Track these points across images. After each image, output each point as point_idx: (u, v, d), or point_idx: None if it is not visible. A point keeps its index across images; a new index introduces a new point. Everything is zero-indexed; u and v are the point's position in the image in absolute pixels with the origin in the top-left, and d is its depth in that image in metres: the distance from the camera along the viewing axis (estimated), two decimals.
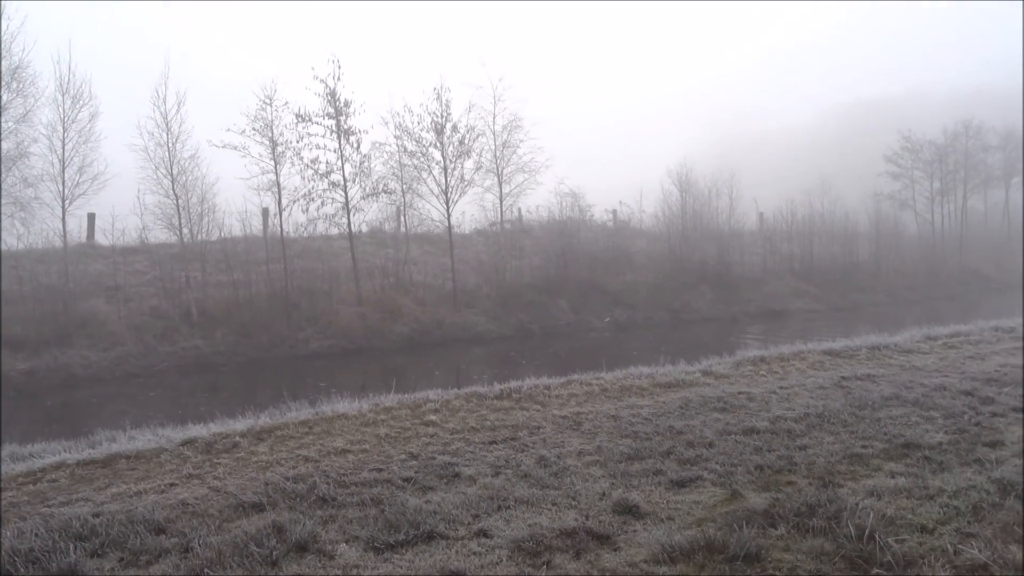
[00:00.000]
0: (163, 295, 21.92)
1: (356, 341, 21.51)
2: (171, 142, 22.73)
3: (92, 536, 5.26)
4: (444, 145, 25.49)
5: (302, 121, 22.93)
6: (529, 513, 5.56)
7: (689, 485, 6.11)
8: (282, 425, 8.36)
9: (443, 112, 25.29)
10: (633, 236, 33.39)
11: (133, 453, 7.47)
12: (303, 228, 24.21)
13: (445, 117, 25.35)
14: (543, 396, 9.74)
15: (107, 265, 23.16)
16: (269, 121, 22.66)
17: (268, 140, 22.74)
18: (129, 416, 13.01)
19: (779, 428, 7.79)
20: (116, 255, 23.24)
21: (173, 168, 22.70)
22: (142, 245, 24.48)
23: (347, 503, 5.87)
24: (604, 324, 25.63)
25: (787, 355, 12.71)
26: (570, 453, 7.08)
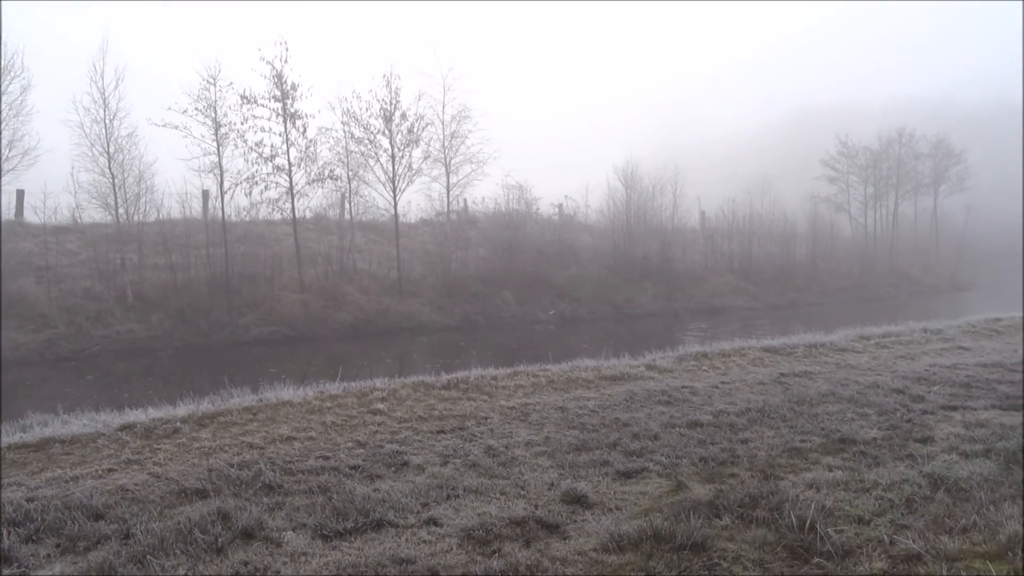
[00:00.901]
0: (97, 276, 21.27)
1: (298, 328, 21.23)
2: (108, 119, 22.08)
3: (26, 521, 5.09)
4: (392, 133, 25.32)
5: (247, 103, 22.54)
6: (478, 502, 5.57)
7: (636, 476, 6.19)
8: (225, 411, 8.20)
9: (392, 99, 25.14)
10: (578, 231, 33.64)
11: (68, 437, 7.24)
12: (245, 212, 23.75)
13: (394, 105, 25.20)
14: (490, 387, 9.76)
15: (37, 244, 22.36)
16: (212, 101, 22.20)
17: (211, 121, 22.26)
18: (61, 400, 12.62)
19: (722, 422, 7.94)
20: (47, 234, 22.43)
21: (110, 146, 22.05)
22: (74, 224, 23.66)
23: (294, 490, 5.80)
24: (549, 317, 25.79)
25: (728, 351, 12.95)
26: (518, 443, 7.10)
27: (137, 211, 22.82)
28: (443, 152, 28.15)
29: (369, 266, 25.66)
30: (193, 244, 22.76)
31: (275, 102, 22.86)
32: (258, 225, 24.78)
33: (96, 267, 21.45)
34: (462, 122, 28.11)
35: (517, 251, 28.28)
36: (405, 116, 25.52)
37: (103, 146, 21.95)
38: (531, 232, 29.88)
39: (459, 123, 28.09)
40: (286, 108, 22.95)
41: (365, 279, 24.88)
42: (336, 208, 28.26)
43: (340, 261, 24.89)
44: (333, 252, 25.17)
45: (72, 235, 23.53)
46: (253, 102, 22.57)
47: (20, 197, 24.63)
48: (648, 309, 28.73)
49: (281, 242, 25.01)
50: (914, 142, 45.51)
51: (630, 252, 31.72)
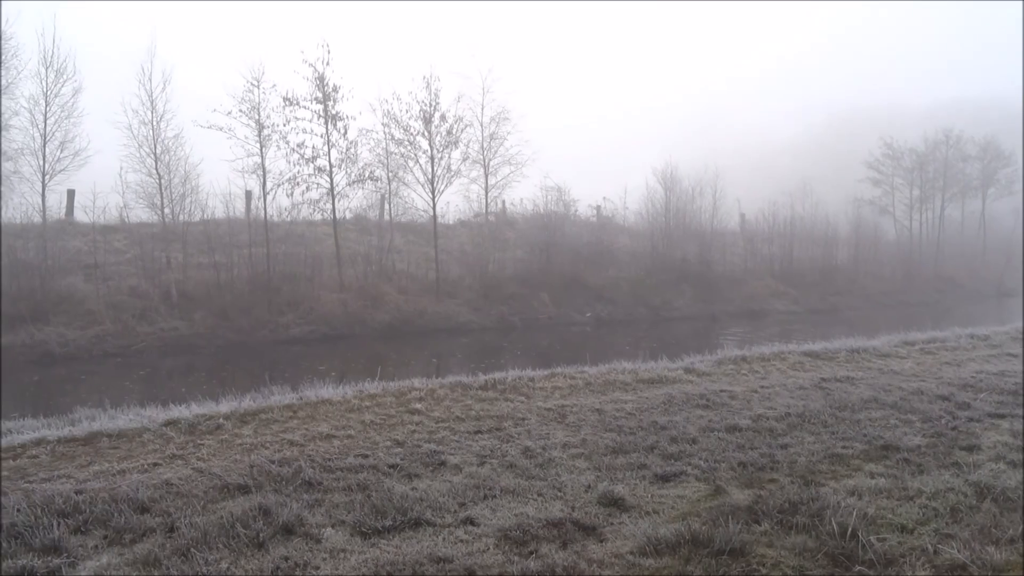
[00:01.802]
0: (143, 275, 21.71)
1: (337, 327, 21.45)
2: (156, 121, 22.58)
3: (75, 513, 5.22)
4: (432, 134, 25.46)
5: (290, 105, 22.85)
6: (515, 503, 5.59)
7: (673, 480, 6.16)
8: (266, 408, 8.33)
9: (432, 101, 25.29)
10: (616, 232, 33.52)
11: (115, 432, 7.41)
12: (287, 212, 24.07)
13: (434, 106, 25.36)
14: (527, 388, 9.78)
15: (86, 243, 22.89)
16: (256, 103, 22.56)
17: (254, 123, 22.62)
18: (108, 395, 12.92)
19: (761, 427, 7.87)
20: (95, 233, 22.95)
21: (157, 147, 22.55)
22: (122, 224, 24.21)
23: (333, 488, 5.87)
24: (585, 319, 25.73)
25: (768, 355, 12.82)
26: (555, 445, 7.11)
27: (182, 211, 23.29)
28: (482, 154, 28.31)
29: (407, 267, 25.84)
30: (236, 244, 23.11)
31: (317, 104, 23.17)
32: (299, 225, 25.10)
33: (142, 265, 21.89)
34: (501, 124, 28.28)
35: (554, 253, 28.25)
36: (444, 118, 25.72)
37: (150, 147, 22.45)
38: (569, 234, 29.84)
39: (498, 125, 28.26)
40: (327, 110, 23.22)
41: (403, 279, 25.07)
42: (376, 209, 28.51)
43: (379, 261, 25.10)
44: (372, 252, 25.38)
45: (119, 234, 24.06)
46: (295, 104, 22.92)
47: (71, 197, 25.24)
48: (686, 312, 28.52)
49: (321, 242, 25.29)
50: (961, 144, 44.55)
51: (668, 254, 31.52)
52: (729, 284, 32.04)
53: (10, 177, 21.58)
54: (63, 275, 20.53)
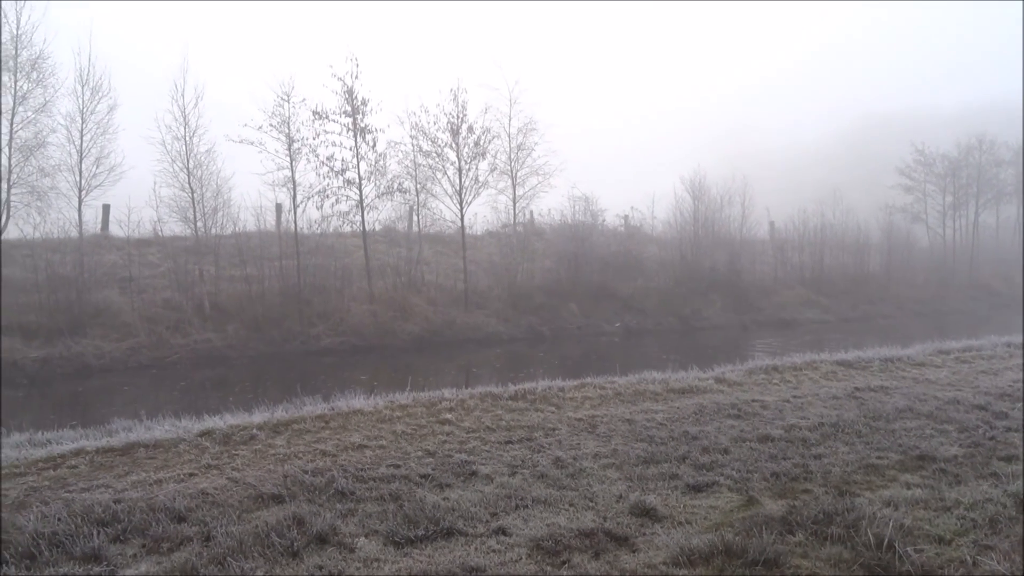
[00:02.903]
0: (176, 287, 22.02)
1: (367, 339, 21.58)
2: (188, 136, 22.89)
3: (114, 522, 5.32)
4: (459, 146, 25.59)
5: (319, 118, 23.06)
6: (547, 513, 5.60)
7: (705, 490, 6.13)
8: (299, 419, 8.42)
9: (459, 113, 25.41)
10: (644, 242, 33.42)
11: (152, 442, 7.54)
12: (317, 225, 24.29)
13: (461, 118, 25.47)
14: (557, 398, 9.78)
15: (121, 256, 23.28)
16: (286, 117, 22.82)
17: (285, 136, 22.89)
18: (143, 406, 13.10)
19: (794, 437, 7.80)
20: (130, 246, 23.34)
21: (189, 162, 22.85)
22: (155, 237, 24.60)
23: (366, 497, 5.92)
24: (614, 329, 25.66)
25: (799, 364, 12.72)
26: (586, 455, 7.11)
27: (214, 224, 23.56)
28: (509, 164, 28.38)
29: (436, 277, 25.96)
30: (267, 256, 23.37)
31: (346, 117, 23.39)
32: (328, 237, 25.29)
33: (175, 278, 22.20)
34: (528, 134, 28.32)
35: (583, 262, 28.21)
36: (472, 129, 25.82)
37: (183, 162, 22.76)
38: (597, 243, 29.78)
39: (525, 135, 28.31)
40: (356, 123, 23.43)
41: (432, 290, 25.17)
42: (404, 220, 28.68)
43: (408, 273, 25.23)
44: (401, 264, 25.53)
45: (153, 247, 24.46)
46: (325, 117, 23.13)
47: (106, 212, 25.69)
48: (715, 322, 28.32)
49: (351, 254, 25.47)
50: (995, 149, 43.79)
51: (697, 263, 31.33)
52: (759, 293, 31.77)
53: (48, 193, 22.02)
54: (99, 288, 20.87)
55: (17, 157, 21.34)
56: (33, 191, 21.68)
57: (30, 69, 21.46)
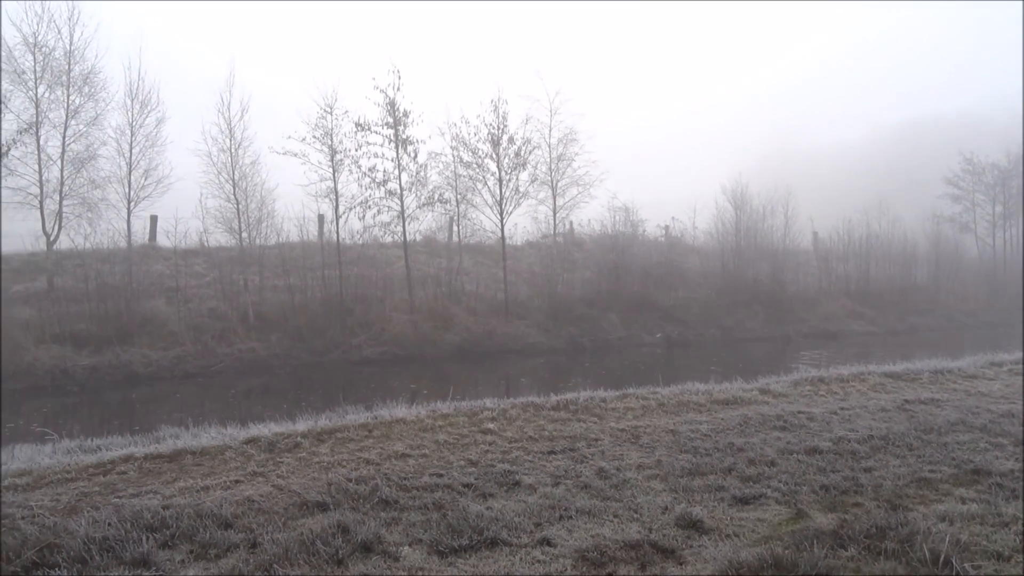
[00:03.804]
0: (221, 297, 22.35)
1: (408, 348, 21.68)
2: (234, 148, 23.36)
3: (163, 528, 5.38)
4: (500, 156, 25.64)
5: (361, 130, 23.30)
6: (591, 524, 5.55)
7: (753, 502, 6.03)
8: (342, 427, 8.47)
9: (500, 124, 25.47)
10: (686, 252, 33.12)
11: (198, 449, 7.63)
12: (359, 235, 24.50)
13: (502, 129, 25.52)
14: (600, 408, 9.71)
15: (168, 266, 23.73)
16: (329, 129, 23.10)
17: (327, 148, 23.15)
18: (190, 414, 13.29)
19: (843, 449, 7.64)
20: (176, 257, 23.79)
21: (235, 173, 23.28)
22: (201, 247, 25.02)
23: (409, 506, 5.92)
24: (656, 340, 25.45)
25: (846, 376, 12.48)
26: (630, 466, 7.03)
27: (258, 235, 23.91)
28: (550, 175, 28.38)
29: (476, 288, 26.01)
30: (310, 266, 23.63)
31: (388, 128, 23.59)
32: (369, 248, 25.50)
33: (221, 288, 22.55)
34: (568, 145, 28.31)
35: (623, 273, 28.04)
36: (512, 140, 25.86)
37: (228, 174, 23.20)
38: (637, 254, 29.58)
39: (565, 146, 28.31)
40: (398, 134, 23.62)
41: (472, 301, 25.22)
42: (444, 231, 28.81)
43: (448, 283, 25.32)
44: (442, 274, 25.63)
45: (199, 258, 24.87)
46: (367, 129, 23.36)
47: (153, 223, 26.20)
48: (758, 333, 27.94)
49: (391, 264, 25.65)
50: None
51: (739, 274, 30.97)
52: (803, 305, 31.29)
53: (98, 204, 22.60)
54: (147, 298, 21.27)
55: (69, 169, 21.99)
56: (84, 202, 22.29)
57: (82, 83, 22.11)
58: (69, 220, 22.10)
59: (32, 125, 20.99)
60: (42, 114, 21.37)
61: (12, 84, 20.66)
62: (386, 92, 23.41)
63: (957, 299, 36.52)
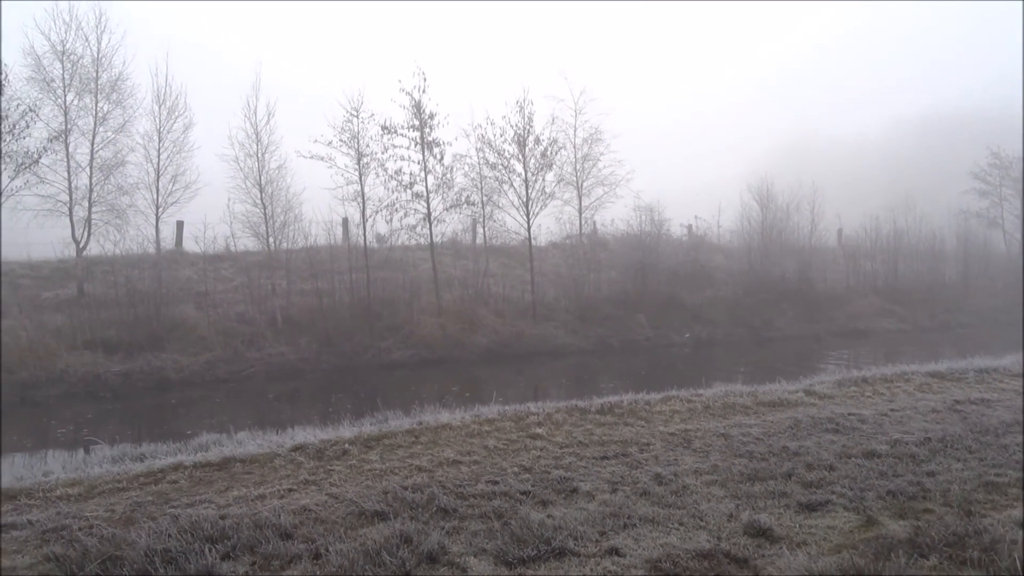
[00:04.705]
0: (249, 302, 22.34)
1: (436, 351, 21.59)
2: (260, 152, 23.35)
3: (223, 539, 5.32)
4: (526, 157, 25.49)
5: (388, 133, 23.20)
6: (657, 532, 5.43)
7: (819, 509, 5.89)
8: (389, 434, 8.39)
9: (525, 125, 25.30)
10: (711, 251, 32.86)
11: (247, 457, 7.58)
12: (386, 238, 24.44)
13: (528, 130, 25.36)
14: (645, 412, 9.58)
15: (195, 271, 23.79)
16: (355, 132, 23.02)
17: (354, 151, 23.08)
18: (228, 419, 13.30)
19: (901, 452, 7.48)
20: (203, 262, 23.84)
21: (261, 178, 23.27)
22: (227, 252, 25.05)
23: (469, 515, 5.82)
24: (684, 340, 25.22)
25: (890, 376, 12.28)
26: (686, 471, 6.90)
27: (285, 239, 23.91)
28: (575, 175, 28.20)
29: (503, 290, 25.87)
30: (337, 270, 23.60)
31: (414, 131, 23.48)
32: (395, 251, 25.46)
33: (249, 292, 22.55)
34: (593, 144, 28.12)
35: (650, 273, 27.80)
36: (539, 140, 25.70)
37: (255, 179, 23.20)
38: (663, 253, 29.35)
39: (590, 146, 28.12)
40: (424, 137, 23.53)
41: (499, 303, 25.09)
42: (468, 233, 28.71)
43: (475, 285, 25.20)
44: (468, 276, 25.52)
45: (226, 262, 24.92)
46: (393, 132, 23.26)
47: (180, 228, 26.32)
48: (787, 332, 27.62)
49: (417, 267, 25.57)
50: None
51: (766, 273, 30.63)
52: (831, 302, 30.92)
53: (126, 210, 22.70)
54: (176, 303, 21.31)
55: (98, 176, 22.08)
56: (112, 209, 22.38)
57: (110, 90, 22.21)
58: (98, 227, 22.22)
59: (61, 133, 21.11)
60: (71, 121, 21.49)
61: (41, 92, 20.77)
62: (412, 94, 23.35)
63: (986, 295, 35.95)
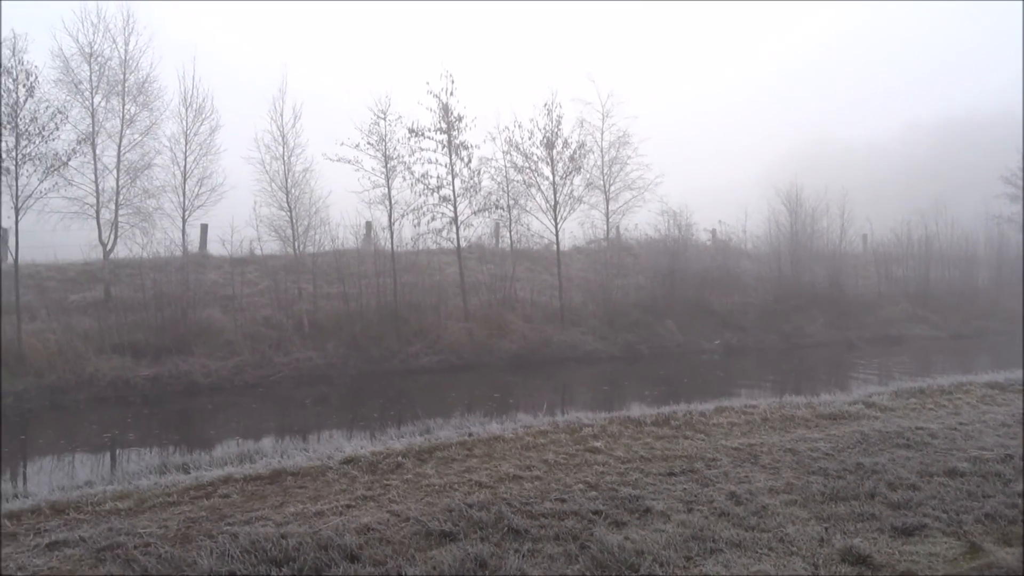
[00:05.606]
0: (275, 306, 22.09)
1: (465, 357, 21.27)
2: (287, 155, 23.11)
3: (288, 560, 5.02)
4: (554, 161, 25.12)
5: (415, 136, 22.92)
6: (746, 558, 5.08)
7: (916, 534, 5.51)
8: (441, 446, 8.06)
9: (554, 128, 24.94)
10: (738, 256, 32.38)
11: (297, 470, 7.27)
12: (412, 242, 24.15)
13: (556, 133, 25.00)
14: (702, 424, 9.21)
15: (221, 275, 23.58)
16: (382, 135, 22.74)
17: (381, 154, 22.80)
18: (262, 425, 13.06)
19: (985, 471, 7.08)
20: (228, 265, 23.62)
21: (287, 181, 23.04)
22: (251, 256, 24.78)
23: (541, 536, 5.49)
24: (714, 347, 24.79)
25: (947, 387, 11.87)
26: (761, 490, 6.54)
27: (311, 242, 23.66)
28: (602, 179, 27.81)
29: (530, 295, 25.50)
30: (363, 274, 23.31)
31: (441, 134, 23.18)
32: (421, 255, 25.14)
33: (275, 296, 22.31)
34: (621, 148, 27.69)
35: (678, 278, 27.37)
36: (567, 143, 25.31)
37: (281, 182, 22.98)
38: (691, 258, 28.92)
39: (618, 149, 27.68)
40: (451, 140, 23.23)
41: (527, 308, 24.72)
42: (492, 237, 28.36)
43: (503, 290, 24.85)
44: (495, 281, 25.16)
45: (251, 266, 24.63)
46: (420, 135, 22.96)
47: (204, 231, 26.11)
48: (819, 339, 27.11)
49: (442, 271, 25.23)
50: None
51: (796, 278, 30.13)
52: (862, 308, 30.38)
53: (153, 213, 22.53)
54: (203, 307, 21.08)
55: (124, 179, 21.89)
56: (139, 211, 22.20)
57: (137, 93, 22.02)
58: (124, 229, 22.03)
59: (89, 135, 20.96)
60: (98, 124, 21.33)
61: (70, 94, 20.63)
62: (439, 97, 23.04)
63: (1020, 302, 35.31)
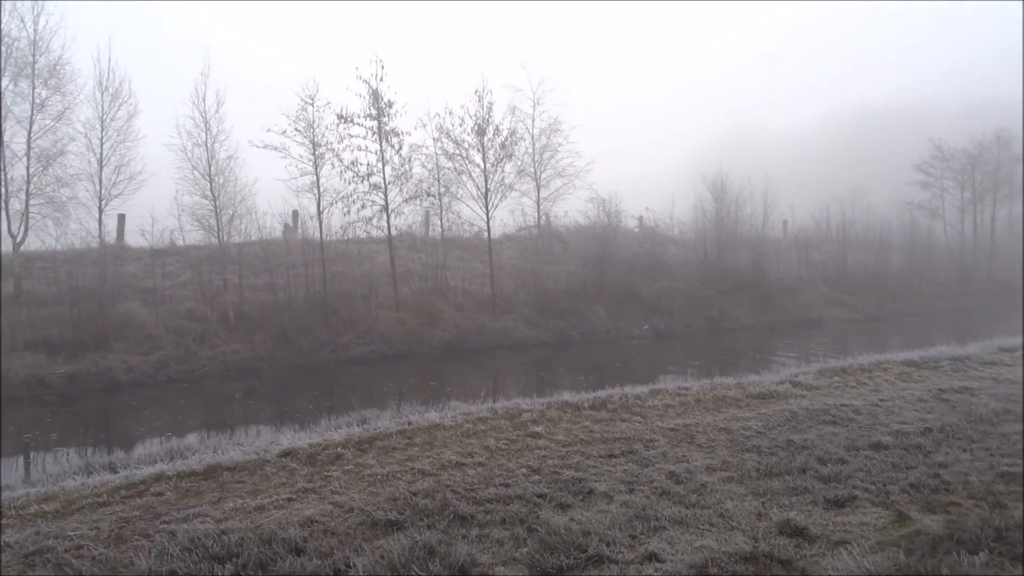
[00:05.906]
0: (199, 298, 21.51)
1: (396, 347, 21.11)
2: (210, 142, 22.41)
3: (231, 557, 4.89)
4: (485, 148, 25.08)
5: (344, 122, 22.56)
6: (689, 535, 5.19)
7: (847, 505, 5.72)
8: (381, 435, 7.98)
9: (485, 115, 24.88)
10: (665, 243, 32.98)
11: (233, 465, 7.10)
12: (341, 231, 23.79)
13: (487, 120, 24.94)
14: (638, 406, 9.36)
15: (140, 267, 22.82)
16: (311, 122, 22.32)
17: (309, 141, 22.38)
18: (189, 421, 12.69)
19: (907, 444, 7.40)
20: (148, 257, 22.86)
21: (211, 168, 22.36)
22: (172, 247, 23.96)
23: (487, 521, 5.49)
24: (643, 332, 25.21)
25: (867, 366, 12.35)
26: (699, 469, 6.69)
27: (236, 232, 23.05)
28: (533, 166, 27.90)
29: (461, 283, 25.47)
30: (290, 264, 22.88)
31: (371, 120, 22.89)
32: (349, 244, 24.79)
33: (198, 288, 21.72)
34: (552, 135, 27.81)
35: (607, 265, 27.70)
36: (498, 131, 25.31)
37: (204, 169, 22.29)
38: (619, 245, 29.30)
39: (549, 136, 27.80)
40: (381, 126, 22.95)
41: (459, 296, 24.69)
42: (422, 225, 28.18)
43: (434, 278, 24.74)
44: (426, 270, 25.04)
45: (171, 257, 23.81)
46: (350, 121, 22.62)
47: (122, 221, 25.16)
48: (743, 322, 27.87)
49: (371, 260, 24.96)
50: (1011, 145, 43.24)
51: (721, 264, 30.87)
52: (784, 293, 31.33)
53: (67, 203, 21.59)
54: (121, 300, 20.34)
55: (35, 167, 20.90)
56: (51, 201, 21.25)
57: (48, 75, 21.05)
58: (36, 220, 21.06)
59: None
60: (6, 108, 20.30)
61: None
62: (369, 82, 22.74)
63: (930, 285, 37.03)
